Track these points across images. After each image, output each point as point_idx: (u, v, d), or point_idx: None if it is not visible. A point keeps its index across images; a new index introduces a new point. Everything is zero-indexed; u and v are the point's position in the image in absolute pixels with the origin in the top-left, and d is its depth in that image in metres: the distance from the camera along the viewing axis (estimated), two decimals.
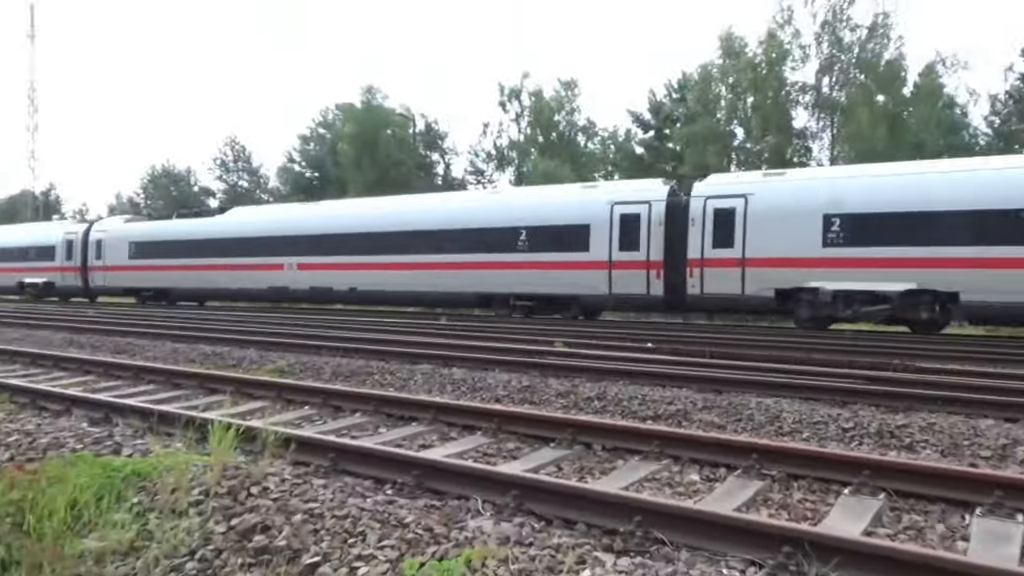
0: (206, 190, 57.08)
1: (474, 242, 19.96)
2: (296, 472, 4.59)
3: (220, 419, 4.89)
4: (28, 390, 7.96)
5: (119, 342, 13.57)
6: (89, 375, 9.84)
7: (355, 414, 7.17)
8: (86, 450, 5.12)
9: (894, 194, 14.82)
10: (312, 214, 24.71)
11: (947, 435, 6.25)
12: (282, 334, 14.05)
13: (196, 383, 8.74)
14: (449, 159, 48.50)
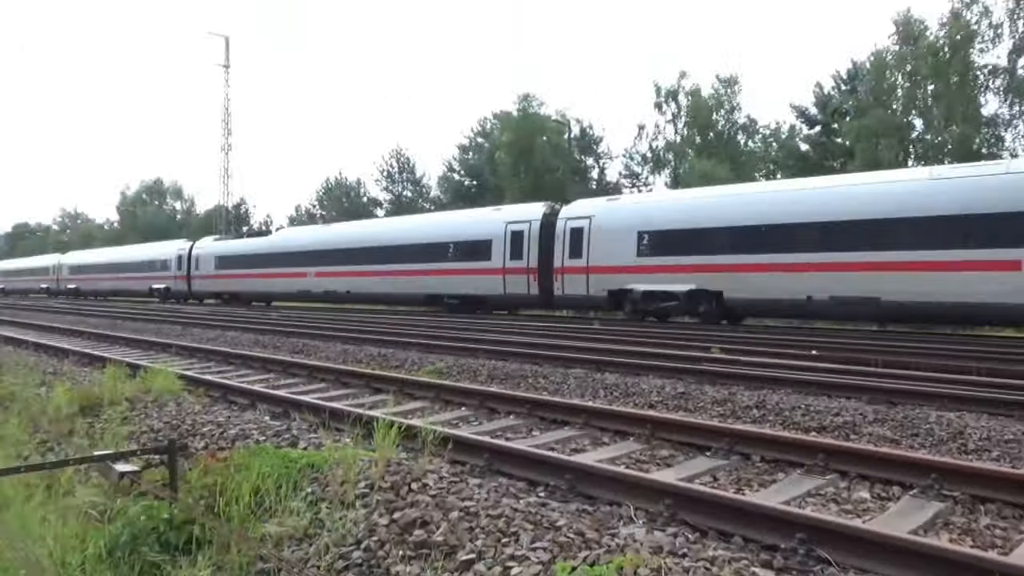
0: (374, 201, 60.44)
1: (421, 254, 25.44)
2: (453, 471, 4.75)
3: (384, 417, 5.15)
4: (220, 385, 8.81)
5: (296, 343, 14.67)
6: (271, 373, 10.72)
7: (509, 416, 7.30)
8: (268, 442, 5.58)
9: (680, 215, 19.09)
10: (323, 234, 32.13)
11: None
12: (441, 337, 14.60)
13: (363, 382, 9.28)
14: (604, 163, 48.35)
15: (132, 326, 20.73)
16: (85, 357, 12.19)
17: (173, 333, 17.97)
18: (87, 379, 9.16)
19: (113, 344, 15.52)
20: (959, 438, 6.23)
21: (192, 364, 11.81)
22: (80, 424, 6.86)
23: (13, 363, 10.90)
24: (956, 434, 6.30)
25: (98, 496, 4.72)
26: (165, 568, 3.81)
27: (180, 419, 6.71)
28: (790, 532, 3.67)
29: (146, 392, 7.68)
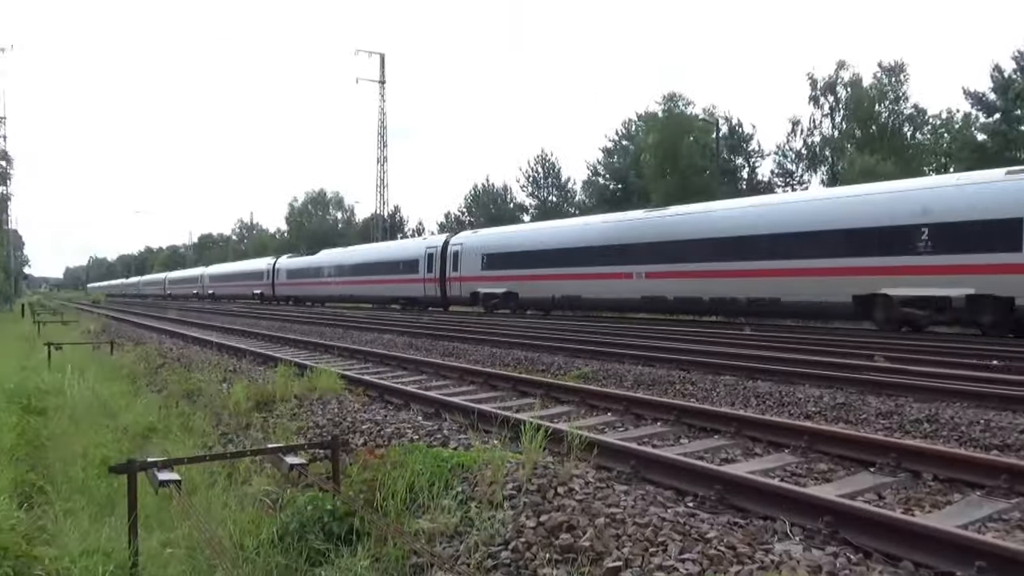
0: (520, 206, 61.48)
1: (382, 267, 37.14)
2: (599, 476, 4.73)
3: (531, 421, 5.22)
4: (377, 386, 9.28)
5: (447, 346, 15.18)
6: (423, 374, 11.16)
7: (656, 423, 7.17)
8: (421, 441, 5.81)
9: (507, 241, 29.55)
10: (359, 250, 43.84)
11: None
12: (587, 342, 14.58)
13: (510, 385, 9.45)
14: (755, 162, 46.45)
15: (299, 329, 22.28)
16: (259, 357, 13.25)
17: (335, 336, 19.13)
18: (261, 377, 9.94)
19: (283, 345, 16.76)
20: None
21: (352, 365, 12.51)
22: (255, 418, 7.45)
23: (200, 361, 12.02)
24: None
25: (271, 485, 5.11)
26: (329, 556, 4.06)
27: (342, 416, 7.13)
28: (968, 560, 3.36)
29: (312, 390, 8.22)
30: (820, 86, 39.88)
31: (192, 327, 23.81)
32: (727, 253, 20.37)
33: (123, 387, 9.90)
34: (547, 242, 27.16)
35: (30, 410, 7.85)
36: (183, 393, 9.16)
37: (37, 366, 11.65)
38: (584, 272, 24.91)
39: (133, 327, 24.48)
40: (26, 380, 9.39)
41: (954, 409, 7.31)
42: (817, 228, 18.17)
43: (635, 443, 5.94)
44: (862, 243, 17.11)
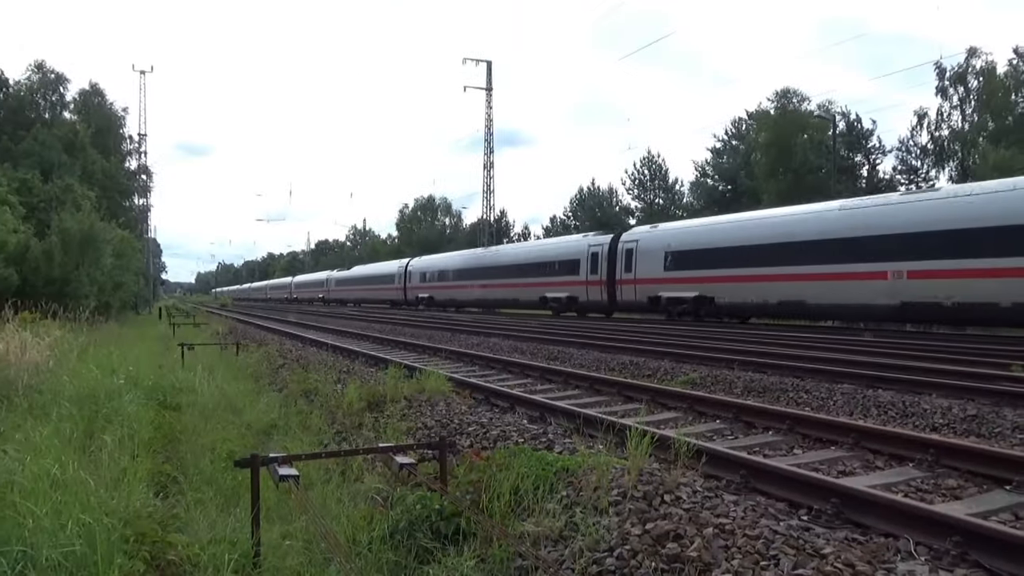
0: (626, 209, 60.84)
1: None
2: (707, 485, 4.62)
3: (636, 426, 5.16)
4: (483, 388, 9.42)
5: (552, 350, 15.21)
6: (528, 378, 11.23)
7: (767, 432, 6.93)
8: (525, 444, 5.85)
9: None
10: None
11: None
12: (695, 347, 14.26)
13: (615, 390, 9.36)
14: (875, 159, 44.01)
15: (408, 332, 22.92)
16: (371, 359, 13.72)
17: (442, 339, 19.56)
18: (372, 378, 10.29)
19: (393, 348, 17.28)
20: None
21: (459, 368, 12.75)
22: (367, 418, 7.72)
23: (316, 362, 12.58)
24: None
25: (382, 483, 5.28)
26: (436, 555, 4.15)
27: (449, 418, 7.28)
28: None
29: (420, 392, 8.44)
30: (949, 76, 37.36)
31: (309, 330, 24.93)
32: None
33: (247, 386, 10.49)
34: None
35: (166, 406, 8.45)
36: (301, 392, 9.60)
37: (172, 365, 12.52)
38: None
39: (256, 329, 25.91)
40: (163, 378, 10.11)
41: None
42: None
43: (745, 452, 5.76)
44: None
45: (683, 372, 11.12)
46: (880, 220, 18.74)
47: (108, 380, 8.63)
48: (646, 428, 5.26)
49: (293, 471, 4.24)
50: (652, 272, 26.06)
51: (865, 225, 19.00)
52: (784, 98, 42.15)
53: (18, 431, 6.09)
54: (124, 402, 7.52)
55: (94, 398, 7.64)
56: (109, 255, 28.20)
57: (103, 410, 7.15)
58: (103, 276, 27.50)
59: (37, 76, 37.72)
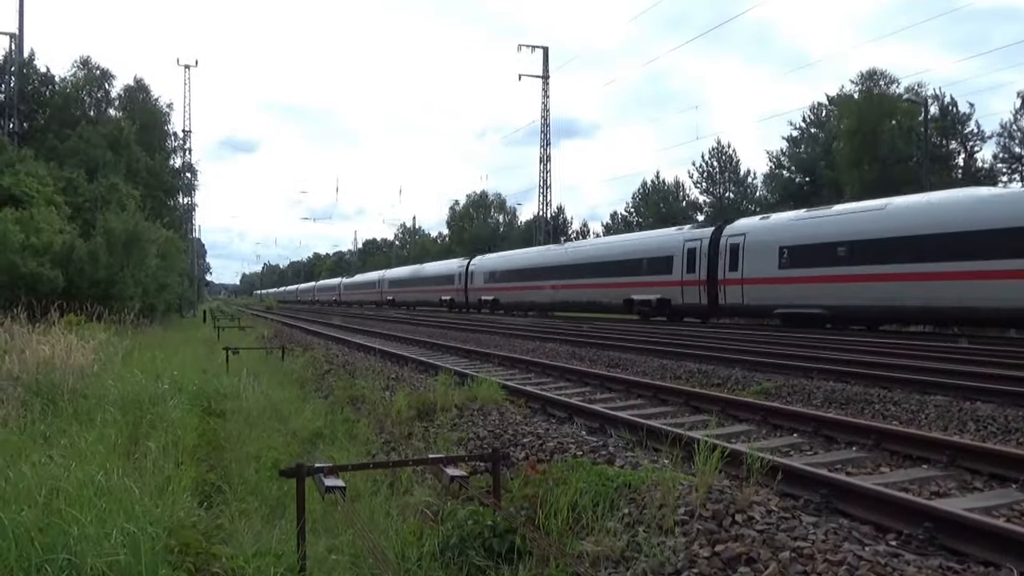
0: (693, 204, 60.10)
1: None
2: (783, 504, 4.52)
3: (705, 439, 5.08)
4: (539, 397, 9.43)
5: (613, 356, 15.12)
6: (587, 386, 11.19)
7: (851, 447, 6.76)
8: (584, 457, 5.83)
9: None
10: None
11: None
12: (768, 354, 13.99)
13: (682, 400, 9.26)
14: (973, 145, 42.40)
15: (459, 336, 23.09)
16: (420, 365, 13.87)
17: (495, 344, 19.63)
18: (422, 385, 10.39)
19: (443, 353, 17.43)
20: None
21: (513, 375, 12.78)
22: (417, 427, 7.81)
23: (364, 368, 12.77)
24: None
25: (432, 497, 5.33)
26: (489, 573, 4.16)
27: (502, 428, 7.30)
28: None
29: (472, 400, 8.49)
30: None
31: (356, 334, 25.33)
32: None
33: (293, 392, 10.72)
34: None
35: (210, 412, 8.70)
36: (348, 399, 9.76)
37: (216, 370, 12.87)
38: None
39: (302, 333, 26.45)
40: (207, 383, 10.40)
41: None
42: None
43: (826, 469, 5.63)
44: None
45: (756, 381, 10.92)
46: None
47: (152, 385, 8.92)
48: (715, 441, 5.18)
49: (339, 482, 4.31)
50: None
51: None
52: (869, 80, 41.06)
53: (63, 436, 6.34)
54: (168, 408, 7.77)
55: (138, 403, 7.91)
56: (154, 256, 29.20)
57: (147, 416, 7.39)
58: (147, 278, 28.49)
59: (83, 73, 39.16)
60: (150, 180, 39.89)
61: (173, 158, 51.12)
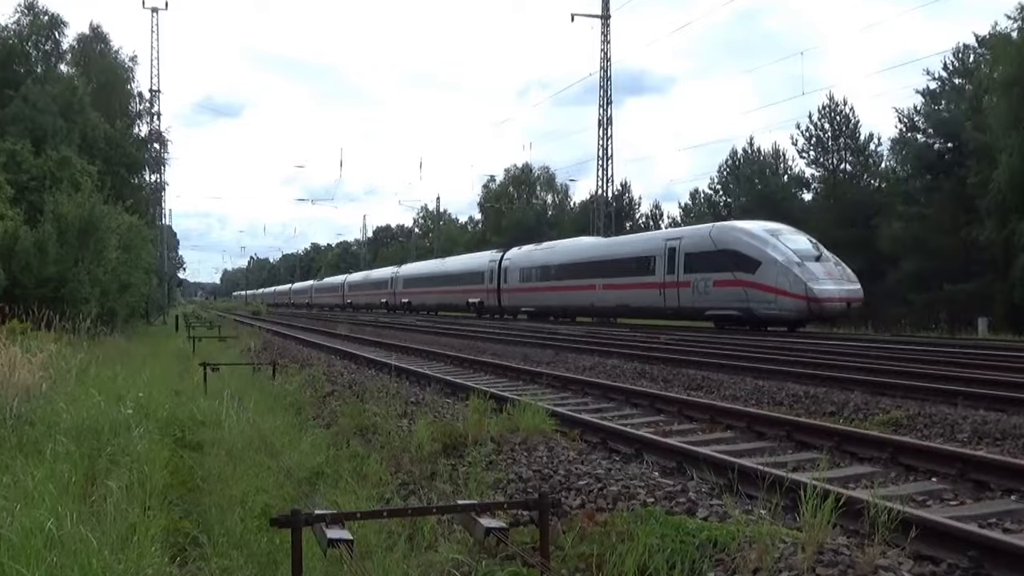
0: (798, 179, 59.30)
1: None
2: (918, 571, 4.47)
3: (814, 484, 5.04)
4: (599, 428, 9.42)
5: (693, 376, 15.04)
6: (661, 414, 11.15)
7: (1008, 497, 6.65)
8: (657, 505, 5.81)
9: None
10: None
11: None
12: (896, 373, 13.80)
13: (783, 432, 9.17)
14: None
15: (495, 349, 23.16)
16: (447, 385, 13.95)
17: (543, 359, 19.65)
18: (449, 412, 10.44)
19: (476, 371, 17.50)
20: None
21: (565, 399, 12.79)
22: (442, 465, 7.85)
23: (376, 389, 12.89)
24: None
25: (462, 554, 5.35)
26: None
27: (552, 467, 7.30)
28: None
29: (513, 431, 8.51)
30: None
31: (366, 346, 25.58)
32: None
33: (286, 419, 10.86)
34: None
35: (184, 444, 8.86)
36: (355, 429, 9.86)
37: (192, 391, 13.11)
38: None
39: (298, 345, 26.78)
40: (180, 408, 10.60)
41: None
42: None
43: (975, 524, 5.54)
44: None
45: (881, 409, 10.78)
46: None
47: (113, 409, 9.11)
48: (828, 487, 5.12)
49: (346, 534, 4.36)
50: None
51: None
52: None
53: (6, 473, 6.52)
54: (133, 438, 7.93)
55: (96, 432, 8.09)
56: (114, 248, 29.60)
57: (107, 448, 7.56)
58: (107, 275, 28.88)
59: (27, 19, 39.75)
60: (110, 153, 40.52)
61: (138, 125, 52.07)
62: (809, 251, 29.40)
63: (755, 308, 29.12)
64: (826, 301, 27.62)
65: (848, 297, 28.53)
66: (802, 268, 28.02)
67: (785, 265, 28.20)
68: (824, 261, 29.11)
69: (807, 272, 27.88)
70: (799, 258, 28.47)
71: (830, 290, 27.82)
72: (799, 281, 27.60)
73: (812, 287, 27.42)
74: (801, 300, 27.59)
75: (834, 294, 27.89)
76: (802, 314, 28.53)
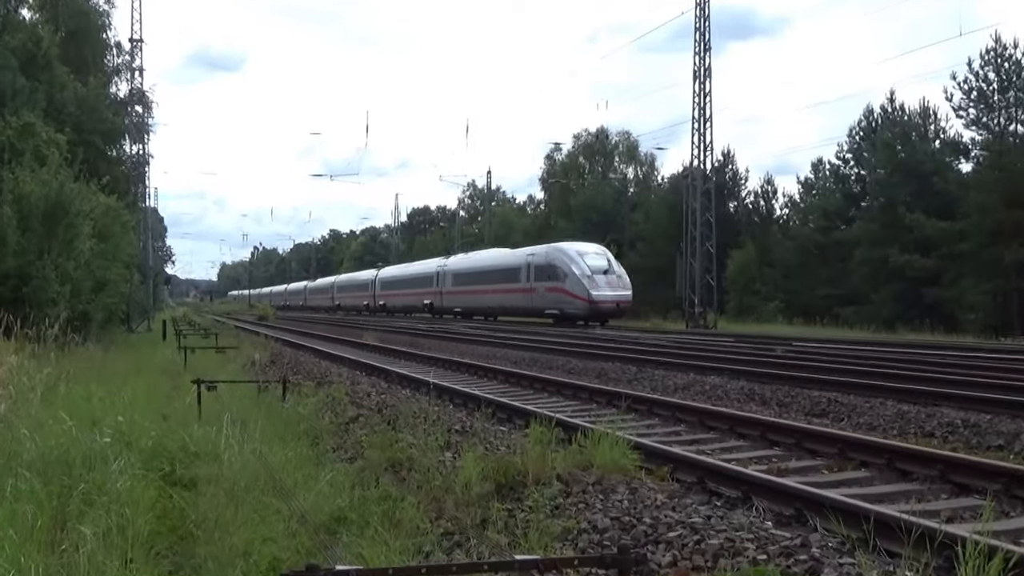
0: (953, 144, 57.97)
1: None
2: None
3: (975, 538, 4.97)
4: (695, 464, 9.35)
5: (817, 398, 14.91)
6: (775, 447, 11.07)
7: None
8: (770, 563, 5.77)
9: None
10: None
11: None
12: None
13: (935, 472, 9.06)
14: None
15: (564, 363, 23.15)
16: (501, 409, 13.95)
17: (622, 376, 19.63)
18: (504, 443, 10.45)
19: (538, 391, 17.52)
20: None
21: (652, 427, 12.76)
22: (496, 510, 7.86)
23: (411, 414, 12.95)
24: None
25: None
26: None
27: (635, 514, 7.28)
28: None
29: (585, 468, 8.49)
30: None
31: (400, 359, 25.73)
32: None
33: (300, 451, 10.94)
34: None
35: (174, 481, 8.97)
36: (386, 463, 9.92)
37: (183, 415, 13.27)
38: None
39: (314, 356, 27.06)
40: (169, 436, 10.71)
41: None
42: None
43: None
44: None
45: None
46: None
47: (88, 437, 9.25)
48: (994, 542, 5.04)
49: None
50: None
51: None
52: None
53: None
54: (111, 473, 8.03)
55: (67, 465, 8.22)
56: (88, 236, 29.94)
57: (80, 485, 7.67)
58: (79, 269, 29.23)
59: None
60: (81, 118, 40.99)
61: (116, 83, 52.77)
62: (601, 267, 52.50)
63: (564, 308, 52.88)
64: (601, 303, 50.68)
65: (618, 300, 51.67)
66: (589, 280, 51.09)
67: (579, 277, 51.50)
68: (609, 275, 52.22)
69: (592, 282, 50.88)
70: (591, 272, 51.55)
71: (605, 295, 50.79)
72: (585, 289, 50.69)
73: (592, 293, 50.43)
74: (585, 302, 50.78)
75: (607, 298, 50.87)
76: (587, 312, 51.53)
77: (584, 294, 50.47)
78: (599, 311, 51.09)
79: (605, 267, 52.41)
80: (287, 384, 16.58)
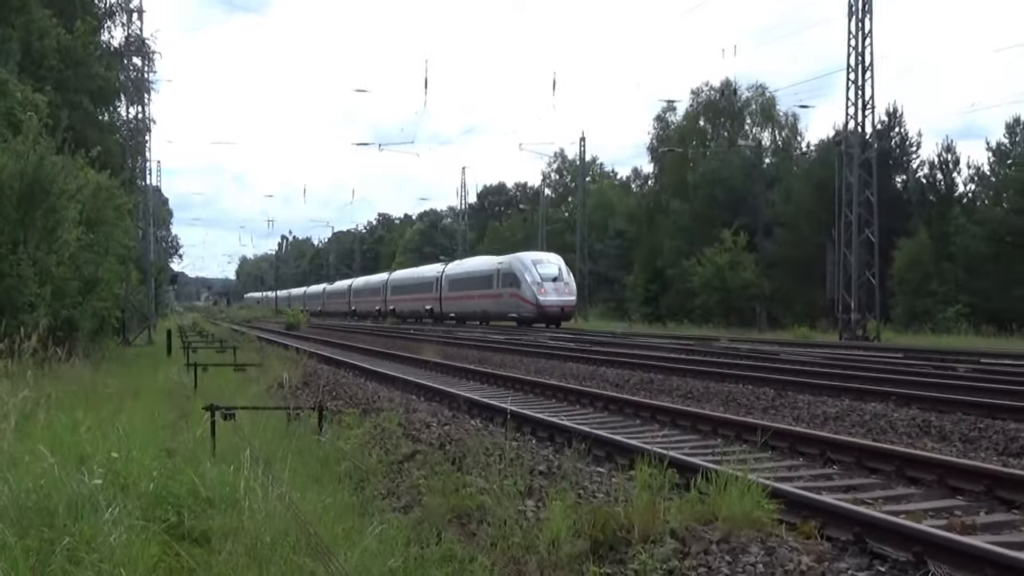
0: None
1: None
2: None
3: None
4: (852, 518, 9.23)
5: (1014, 432, 14.71)
6: (957, 495, 10.99)
7: None
8: None
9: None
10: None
11: None
12: None
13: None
14: None
15: (678, 385, 23.01)
16: (598, 445, 13.88)
17: (759, 403, 19.45)
18: (602, 488, 10.43)
19: (646, 421, 17.44)
20: None
21: (796, 467, 12.70)
22: (592, 575, 7.85)
23: (482, 451, 12.97)
24: None
25: None
26: None
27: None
28: None
29: (708, 522, 8.45)
30: None
31: (468, 377, 25.77)
32: None
33: (341, 497, 10.99)
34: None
35: (182, 535, 9.05)
36: (451, 515, 9.94)
37: (193, 451, 13.39)
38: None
39: (358, 376, 27.19)
40: (175, 477, 10.81)
41: None
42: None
43: None
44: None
45: None
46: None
47: (74, 479, 9.36)
48: None
49: None
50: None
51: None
52: None
53: None
54: (103, 524, 8.13)
55: (48, 514, 8.32)
56: (74, 223, 30.10)
57: (64, 539, 7.77)
58: (62, 266, 29.36)
59: None
60: (66, 73, 41.37)
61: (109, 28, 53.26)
62: (551, 274, 74.79)
63: (520, 312, 75.40)
64: (547, 307, 72.99)
65: (563, 304, 74.17)
66: (539, 286, 73.08)
67: (530, 284, 73.49)
68: (558, 281, 74.56)
69: (540, 288, 72.85)
70: (541, 279, 73.68)
71: (551, 300, 72.99)
72: (534, 295, 72.82)
73: (540, 298, 72.66)
74: (534, 307, 73.22)
75: (553, 303, 73.18)
76: (535, 315, 73.30)
77: (533, 299, 73.65)
78: (546, 314, 73.65)
79: (555, 275, 75.68)
80: (324, 412, 16.64)
